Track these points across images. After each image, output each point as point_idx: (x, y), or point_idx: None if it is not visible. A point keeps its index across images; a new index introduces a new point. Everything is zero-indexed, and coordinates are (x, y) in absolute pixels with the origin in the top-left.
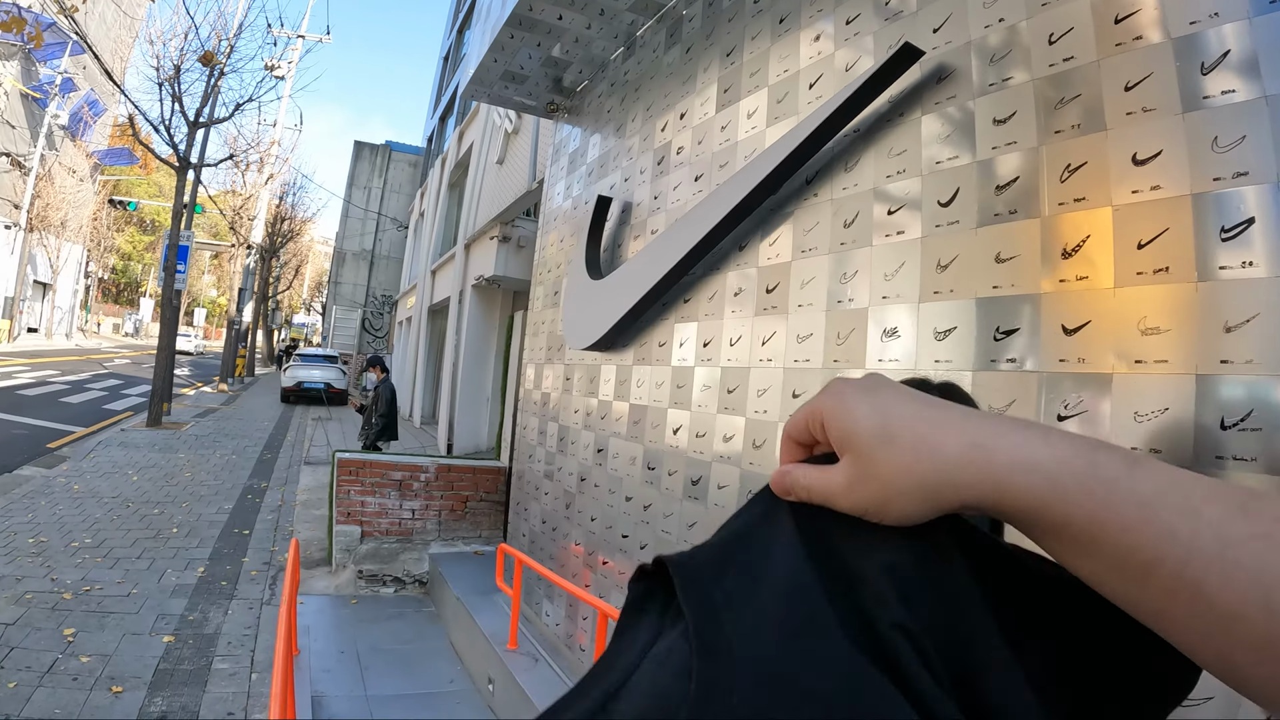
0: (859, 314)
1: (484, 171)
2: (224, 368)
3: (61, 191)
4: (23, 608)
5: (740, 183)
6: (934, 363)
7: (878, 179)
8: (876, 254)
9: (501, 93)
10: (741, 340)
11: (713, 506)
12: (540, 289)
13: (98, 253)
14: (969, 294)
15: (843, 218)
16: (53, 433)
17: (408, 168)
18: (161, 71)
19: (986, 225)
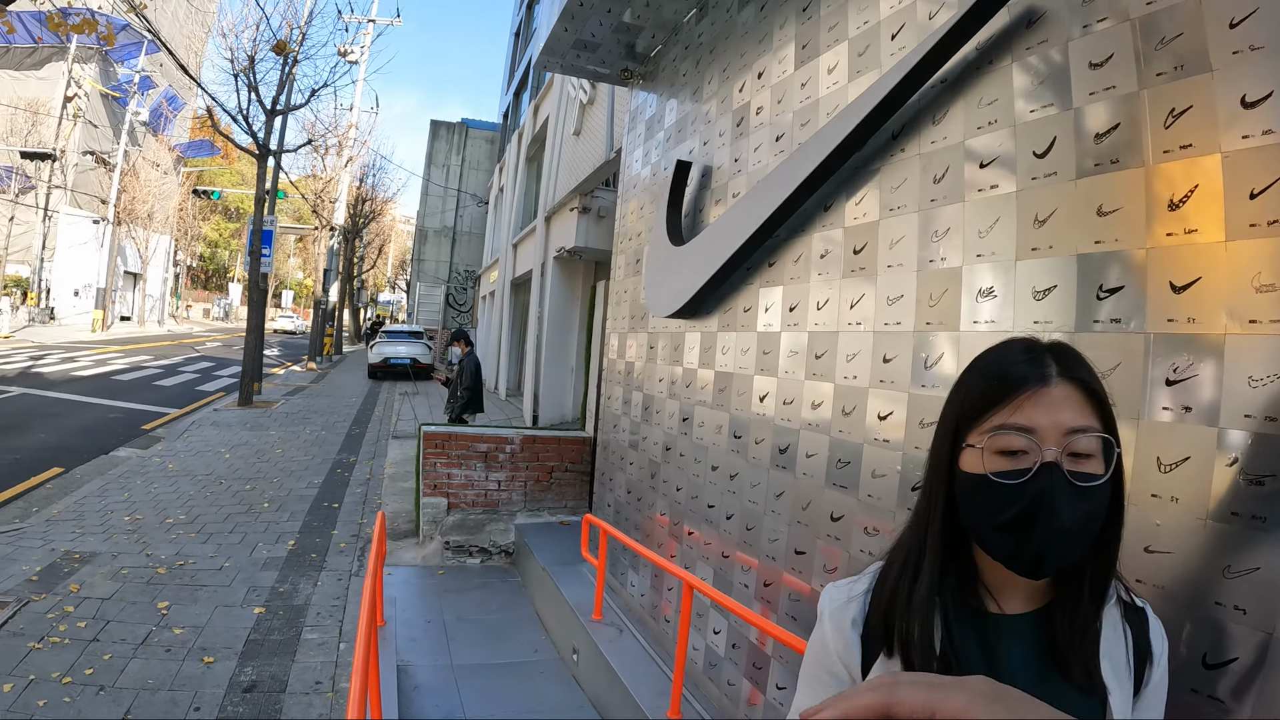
0: (951, 274)
1: (561, 144)
2: (312, 347)
3: (146, 185)
4: (119, 583)
5: (823, 141)
6: (1032, 324)
7: (968, 131)
8: (969, 210)
9: (574, 62)
10: (829, 304)
11: (801, 476)
12: (621, 258)
13: (185, 241)
14: (1069, 250)
15: (932, 173)
16: (147, 415)
17: (485, 144)
18: (236, 63)
19: (1086, 176)
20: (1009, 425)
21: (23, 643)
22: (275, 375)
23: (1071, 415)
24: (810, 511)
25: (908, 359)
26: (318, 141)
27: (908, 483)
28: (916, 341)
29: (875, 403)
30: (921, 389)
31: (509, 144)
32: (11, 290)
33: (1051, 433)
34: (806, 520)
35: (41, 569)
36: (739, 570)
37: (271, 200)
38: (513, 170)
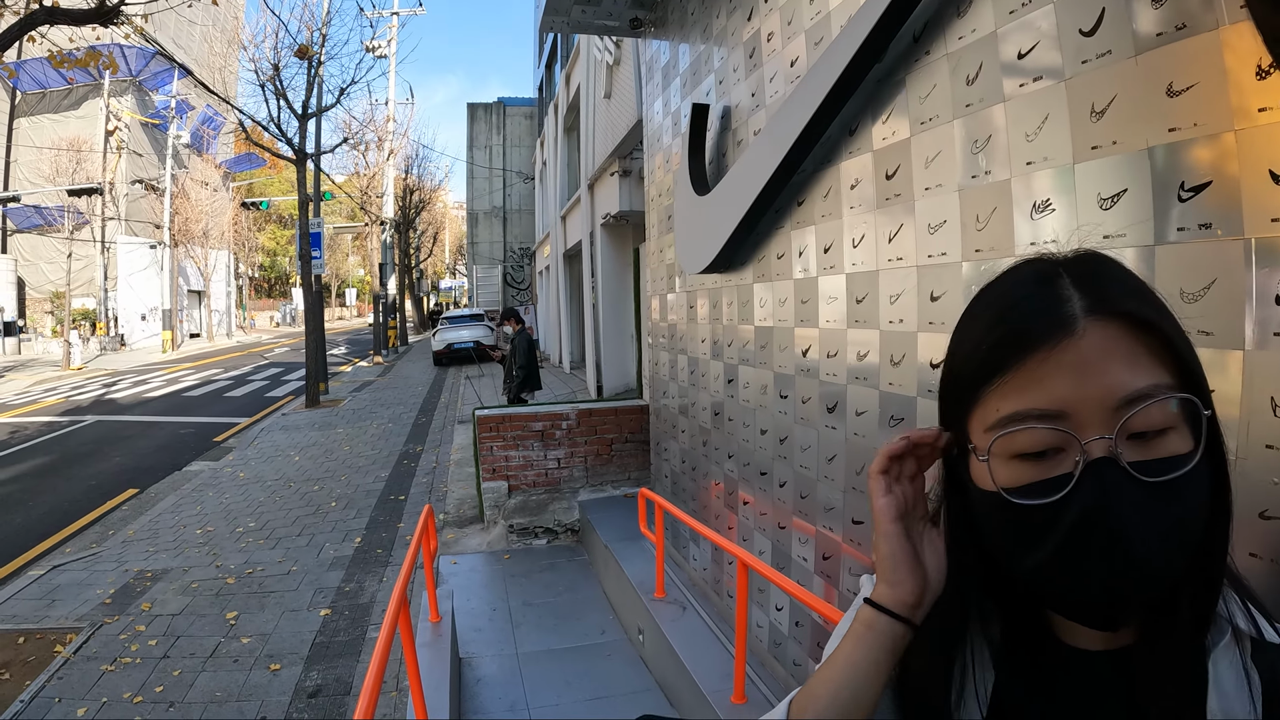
0: (1000, 188)
1: (594, 109)
2: (376, 341)
3: (197, 204)
4: (189, 597)
5: (835, 55)
6: (1103, 239)
7: (999, 19)
8: (1012, 110)
9: (580, 18)
10: (865, 240)
11: (852, 435)
12: (654, 215)
13: (243, 253)
14: (1137, 144)
15: (964, 73)
16: (218, 427)
17: (524, 120)
18: (261, 73)
19: (1148, 50)
20: (1022, 414)
21: (96, 666)
22: (342, 373)
23: (1121, 376)
24: (865, 476)
25: (958, 295)
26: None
27: None
28: (967, 273)
29: (926, 349)
30: None
31: (546, 117)
32: (80, 323)
33: (1093, 412)
34: (862, 486)
35: (115, 591)
36: (797, 541)
37: (316, 203)
38: (553, 142)
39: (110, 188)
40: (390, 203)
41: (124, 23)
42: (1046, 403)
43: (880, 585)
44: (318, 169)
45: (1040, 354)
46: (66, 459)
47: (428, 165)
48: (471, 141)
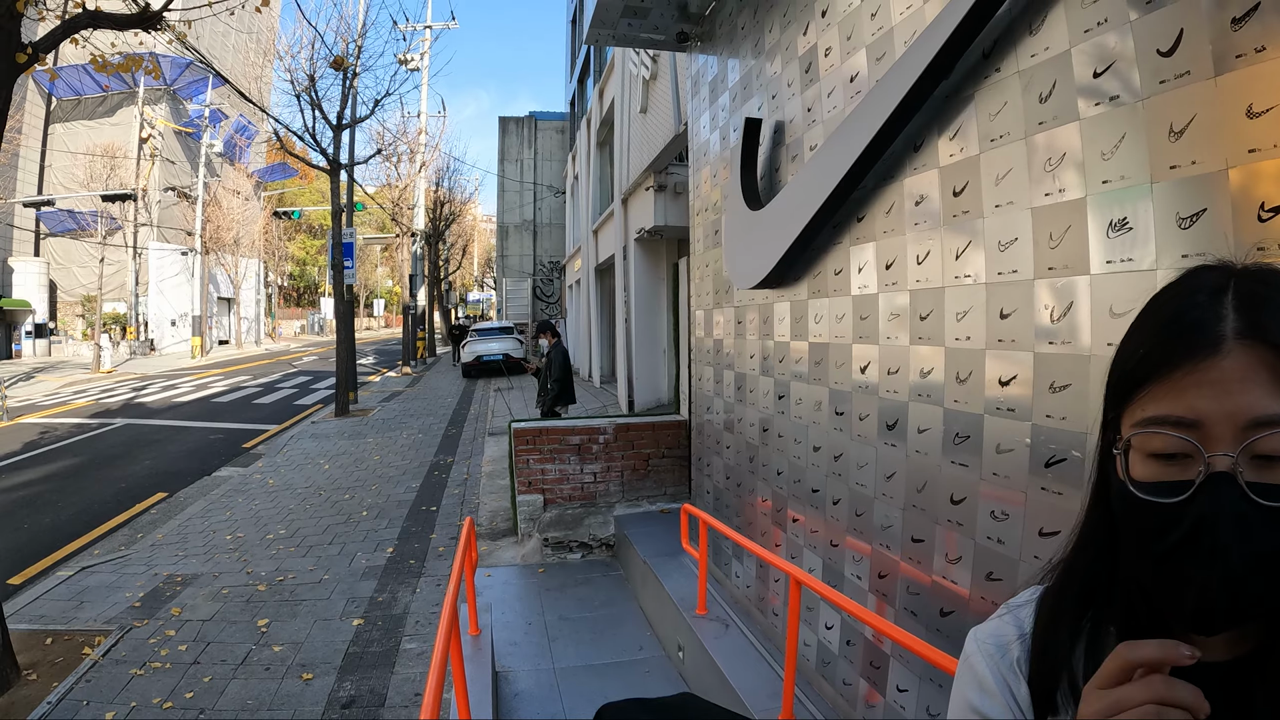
0: (1074, 206)
1: (629, 124)
2: (405, 351)
3: (229, 213)
4: (219, 603)
5: (903, 71)
6: (1180, 258)
7: (1073, 37)
8: (1086, 129)
9: (626, 31)
10: (930, 257)
11: (913, 453)
12: (699, 230)
13: (273, 262)
14: (1216, 164)
15: (1036, 91)
16: (248, 434)
17: (555, 135)
18: (297, 83)
19: (1227, 72)
20: (1162, 418)
21: (125, 670)
22: (371, 383)
23: (1256, 398)
24: (927, 494)
25: (1029, 313)
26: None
27: (1040, 458)
28: (1038, 291)
29: (994, 366)
30: (1049, 346)
31: (579, 131)
32: (111, 327)
33: (1223, 428)
34: (923, 504)
35: (145, 594)
36: (850, 560)
37: (349, 213)
38: (585, 157)
39: (143, 194)
40: (421, 214)
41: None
42: (1183, 412)
43: None
44: (351, 180)
45: (1186, 368)
46: (96, 461)
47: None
48: (503, 155)
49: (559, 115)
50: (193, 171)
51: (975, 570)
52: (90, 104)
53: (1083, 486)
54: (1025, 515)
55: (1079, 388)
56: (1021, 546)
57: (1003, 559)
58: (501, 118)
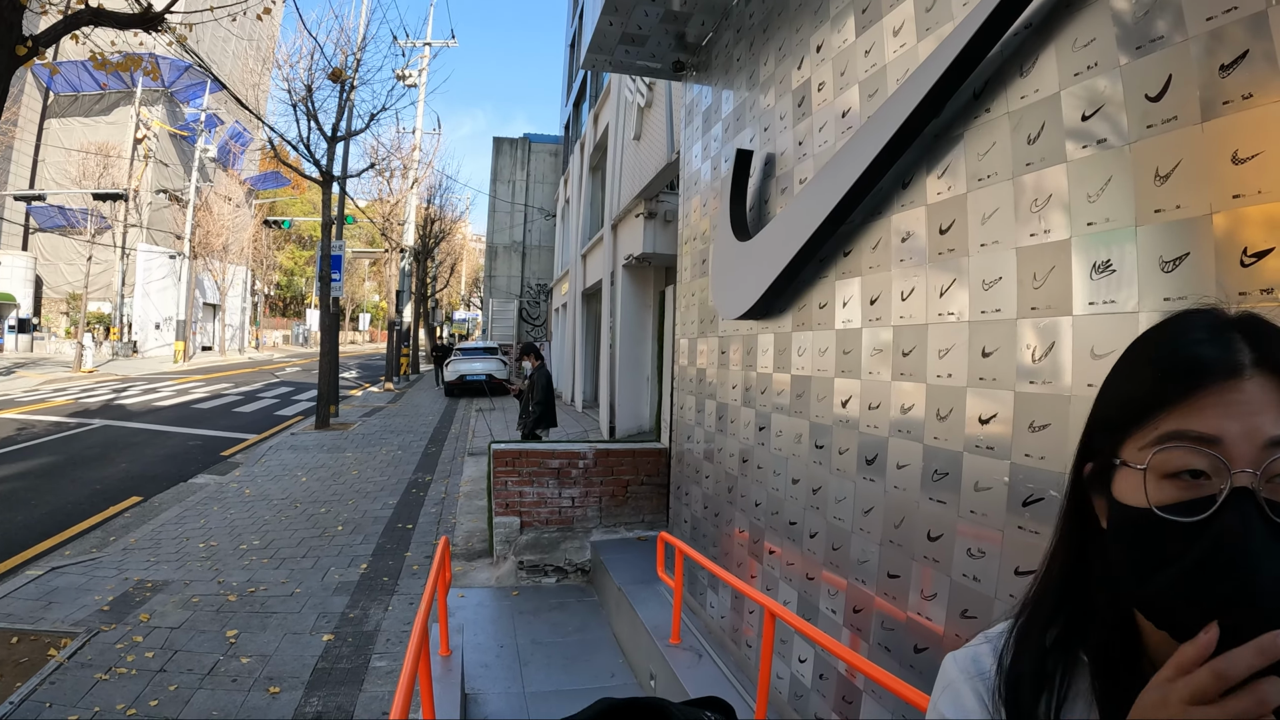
0: (1058, 248)
1: (622, 150)
2: (388, 367)
3: (219, 219)
4: (189, 611)
5: (894, 109)
6: (1162, 300)
7: (1063, 80)
8: (1073, 171)
9: (623, 58)
10: (915, 293)
11: (892, 489)
12: (687, 259)
13: (261, 271)
14: (1200, 208)
15: (1025, 132)
16: (226, 441)
17: (548, 157)
18: (294, 93)
19: (1214, 118)
20: (1182, 433)
21: (90, 674)
22: (353, 397)
23: (1275, 420)
24: (904, 529)
25: (1011, 352)
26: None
27: (1018, 496)
28: (1021, 330)
29: (975, 404)
30: (1030, 386)
31: (572, 155)
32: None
33: (1245, 445)
34: (900, 539)
35: (114, 598)
36: (825, 594)
37: (339, 226)
38: (577, 181)
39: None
40: (411, 231)
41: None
42: (1204, 428)
43: None
44: (343, 192)
45: (1207, 389)
46: (72, 460)
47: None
48: (495, 175)
49: (553, 138)
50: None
51: (951, 607)
52: (87, 101)
53: None
54: (1002, 553)
55: (1059, 428)
56: (997, 584)
57: (979, 596)
58: (496, 138)
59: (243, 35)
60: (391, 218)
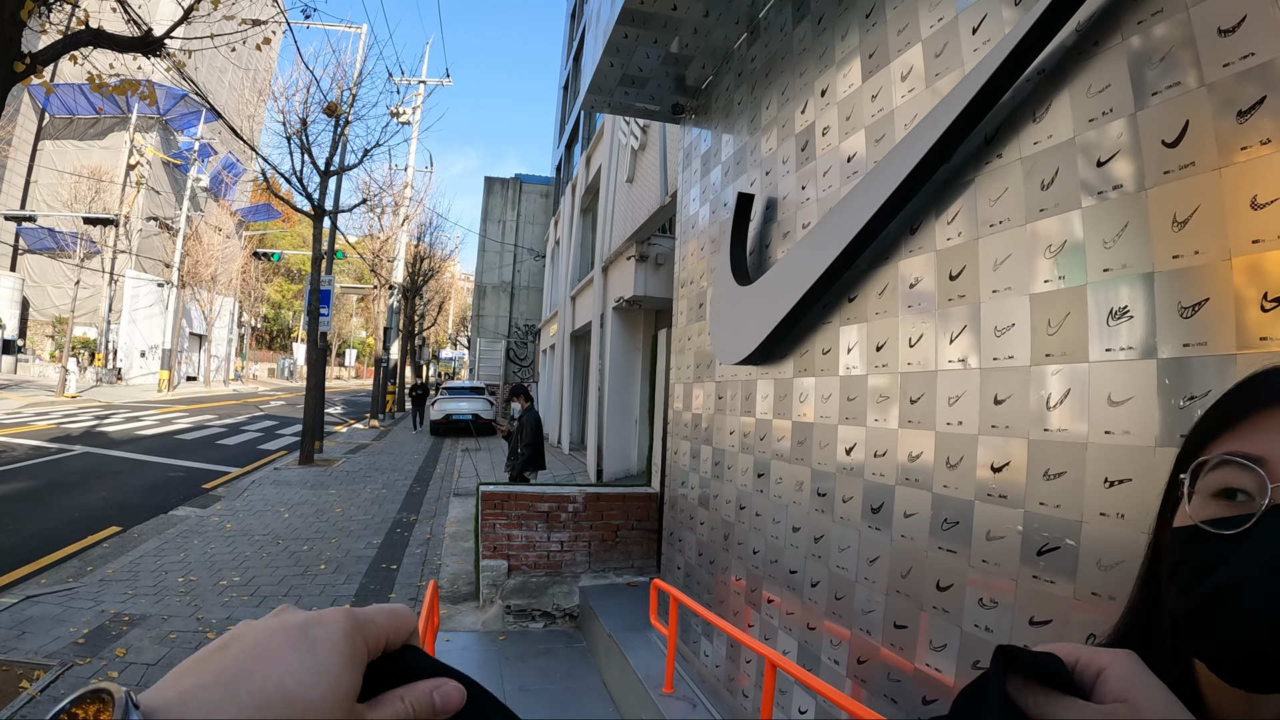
0: (1074, 294)
1: (615, 192)
2: (374, 404)
3: (209, 249)
4: (166, 647)
5: (903, 155)
6: (1182, 346)
7: (1078, 126)
8: (1089, 217)
9: (622, 100)
10: (923, 340)
11: (899, 538)
12: (683, 303)
13: (249, 303)
14: (1219, 254)
15: (1038, 178)
16: (209, 474)
17: (539, 198)
18: (289, 125)
19: (1232, 165)
20: (1231, 453)
21: None
22: (338, 433)
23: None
24: (912, 579)
25: (1024, 399)
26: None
27: (1032, 545)
28: (1034, 377)
29: (987, 452)
30: (1044, 434)
31: (563, 197)
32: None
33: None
34: (907, 589)
35: (89, 631)
36: (827, 644)
37: (329, 260)
38: (568, 222)
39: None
40: (400, 268)
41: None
42: (1251, 448)
43: None
44: (334, 227)
45: (1259, 413)
46: (52, 487)
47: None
48: (486, 214)
49: (544, 179)
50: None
51: (961, 658)
52: (82, 125)
53: (1075, 575)
54: (1015, 604)
55: (1074, 475)
56: (1011, 635)
57: (991, 648)
58: (487, 178)
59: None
60: (381, 254)
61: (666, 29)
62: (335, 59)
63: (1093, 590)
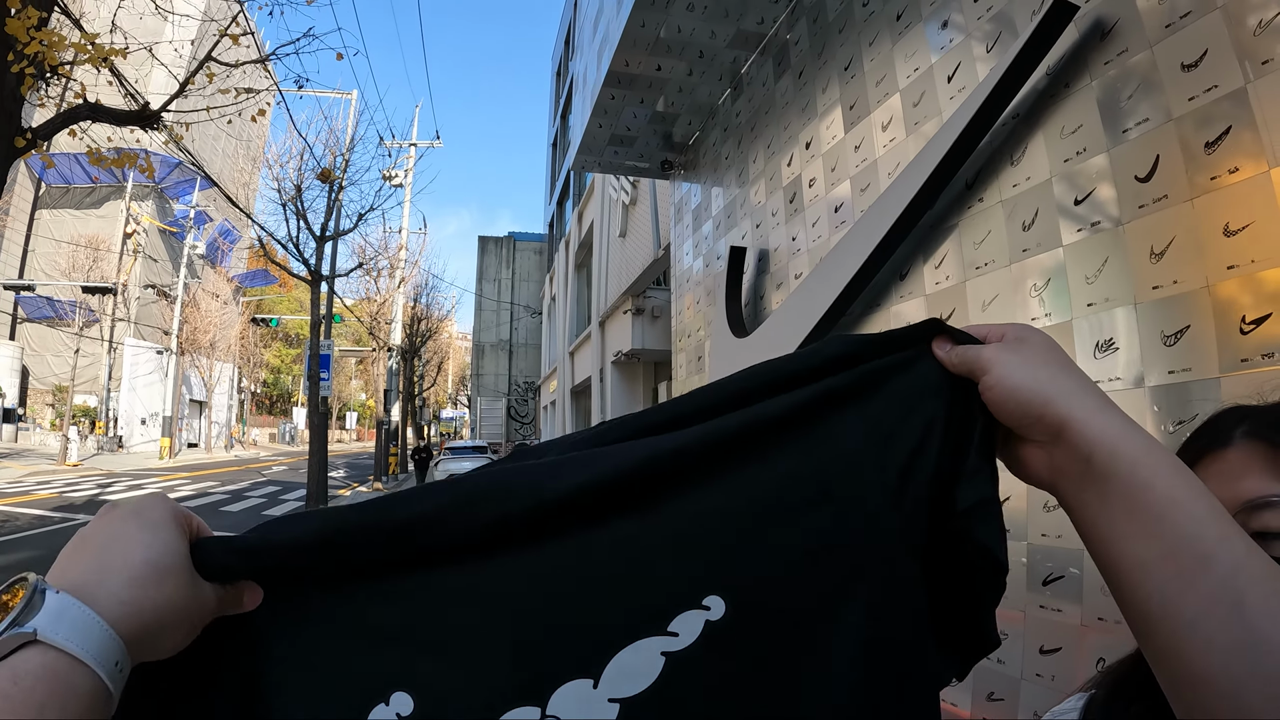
0: (1060, 330)
1: (608, 247)
2: (377, 467)
3: (207, 315)
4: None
5: (888, 203)
6: (1167, 374)
7: (1054, 166)
8: (1070, 254)
9: (612, 159)
10: None
11: None
12: (682, 356)
13: (248, 369)
14: (1197, 281)
15: (1019, 219)
16: None
17: (533, 255)
18: (284, 192)
19: (1203, 194)
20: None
21: None
22: (342, 497)
23: (1251, 483)
24: None
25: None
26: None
27: (1037, 576)
28: None
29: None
30: None
31: (557, 253)
32: (80, 420)
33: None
34: None
35: None
36: None
37: (327, 325)
38: (563, 278)
39: (123, 289)
40: (398, 329)
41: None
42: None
43: None
44: (331, 291)
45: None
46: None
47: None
48: (481, 274)
49: (537, 236)
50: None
51: (976, 691)
52: (78, 193)
53: (1081, 601)
54: (1025, 633)
55: None
56: (1023, 665)
57: (1004, 678)
58: (481, 237)
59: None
60: (379, 316)
61: (652, 88)
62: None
63: (1099, 615)
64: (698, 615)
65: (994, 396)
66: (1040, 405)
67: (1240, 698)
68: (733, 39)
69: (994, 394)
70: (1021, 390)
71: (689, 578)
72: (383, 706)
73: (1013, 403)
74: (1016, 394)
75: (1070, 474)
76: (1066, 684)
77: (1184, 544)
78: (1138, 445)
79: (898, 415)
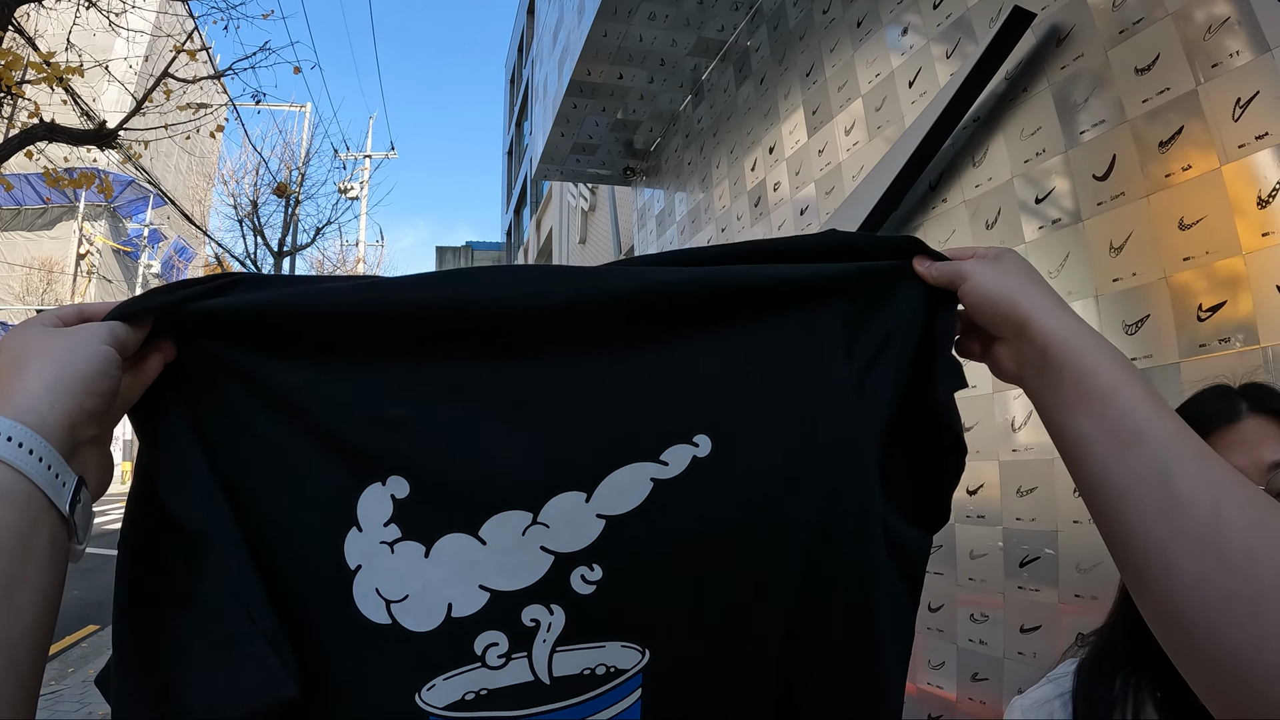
0: None
1: (568, 254)
2: None
3: None
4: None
5: (853, 206)
6: (1130, 360)
7: (1014, 167)
8: (1033, 251)
9: (574, 168)
10: None
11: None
12: None
13: None
14: (1155, 273)
15: (983, 219)
16: None
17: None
18: (240, 208)
19: (1158, 191)
20: None
21: None
22: None
23: (1269, 449)
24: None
25: (990, 424)
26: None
27: (1014, 558)
28: (997, 412)
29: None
30: (1012, 454)
31: (515, 260)
32: None
33: (1250, 474)
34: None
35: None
36: None
37: None
38: None
39: None
40: None
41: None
42: None
43: None
44: None
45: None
46: None
47: None
48: None
49: (495, 245)
50: (129, 291)
51: (960, 673)
52: (30, 215)
53: (1057, 581)
54: (1005, 615)
55: (1045, 490)
56: (1004, 645)
57: (987, 659)
58: (438, 247)
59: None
60: None
61: (614, 97)
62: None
63: (1075, 593)
64: (687, 449)
65: (971, 300)
66: (1009, 306)
67: (1167, 554)
68: (694, 47)
69: (971, 297)
70: (994, 294)
71: (684, 413)
72: (379, 485)
73: (986, 304)
74: (990, 297)
75: (1032, 365)
76: (1047, 660)
77: (1121, 421)
78: (1086, 339)
79: (878, 314)
